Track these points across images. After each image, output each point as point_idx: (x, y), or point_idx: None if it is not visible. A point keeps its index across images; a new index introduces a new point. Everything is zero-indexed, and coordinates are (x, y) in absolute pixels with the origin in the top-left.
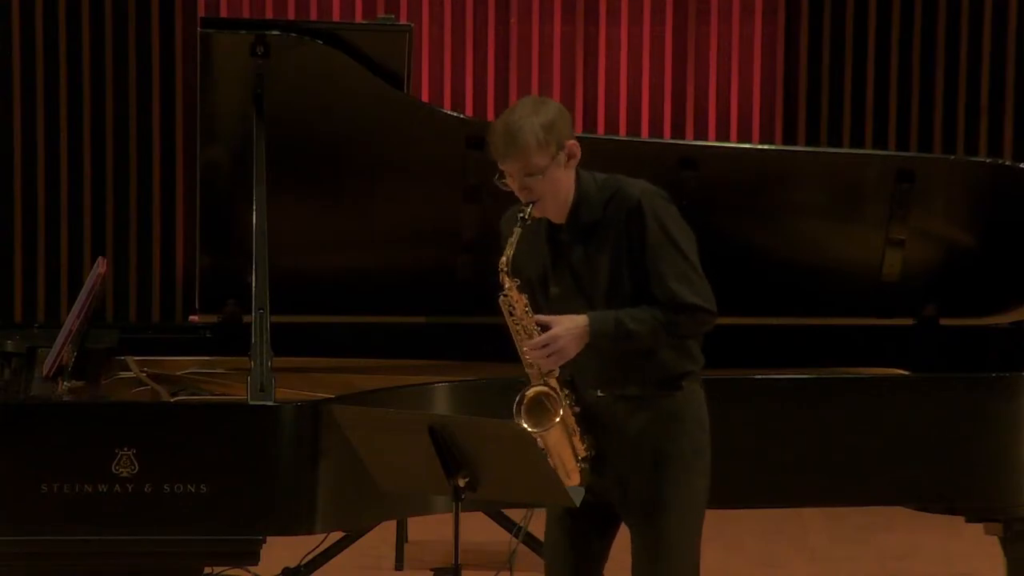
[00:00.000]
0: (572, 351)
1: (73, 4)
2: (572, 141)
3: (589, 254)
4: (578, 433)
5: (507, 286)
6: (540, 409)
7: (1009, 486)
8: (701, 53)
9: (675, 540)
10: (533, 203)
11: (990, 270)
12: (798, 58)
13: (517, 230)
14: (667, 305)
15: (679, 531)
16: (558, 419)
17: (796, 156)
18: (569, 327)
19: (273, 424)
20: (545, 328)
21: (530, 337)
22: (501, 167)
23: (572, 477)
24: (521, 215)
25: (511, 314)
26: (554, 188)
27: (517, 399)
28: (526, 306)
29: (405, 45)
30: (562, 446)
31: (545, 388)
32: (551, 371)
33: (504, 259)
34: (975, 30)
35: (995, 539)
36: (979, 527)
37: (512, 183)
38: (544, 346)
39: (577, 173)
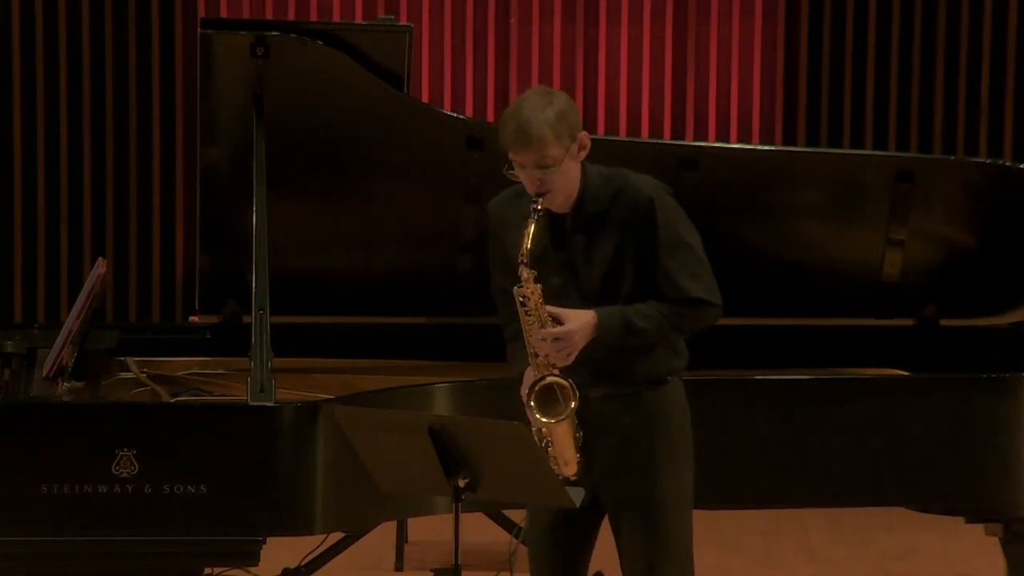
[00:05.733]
0: (581, 346)
1: (73, 4)
2: (583, 133)
3: (590, 245)
4: (577, 424)
5: (525, 276)
6: (550, 399)
7: (1009, 487)
8: (701, 53)
9: (672, 532)
10: (542, 195)
11: (990, 271)
12: (798, 58)
13: (532, 224)
14: (675, 300)
15: (675, 523)
16: (570, 411)
17: (796, 156)
18: (582, 324)
19: (273, 425)
20: (556, 320)
21: (542, 327)
22: (513, 158)
23: (570, 467)
24: (534, 206)
25: (523, 304)
26: (564, 180)
27: (530, 386)
28: (540, 297)
29: (405, 45)
30: (566, 437)
31: (561, 380)
32: (556, 364)
33: (523, 251)
34: (975, 30)
35: (995, 539)
36: (979, 527)
37: (522, 174)
38: (556, 339)
39: (582, 164)
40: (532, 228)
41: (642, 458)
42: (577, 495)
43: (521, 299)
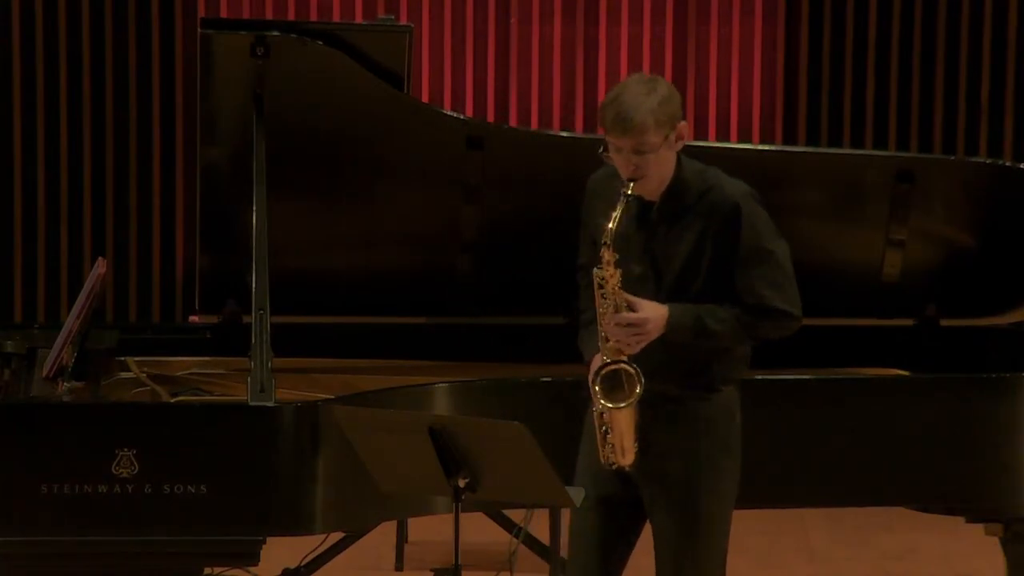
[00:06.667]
0: (654, 336)
1: (73, 4)
2: (683, 123)
3: (672, 237)
4: (639, 415)
5: (606, 259)
6: (615, 384)
7: (1009, 487)
8: (701, 53)
9: (702, 542)
10: (635, 180)
11: (990, 271)
12: (798, 58)
13: (620, 207)
14: (752, 308)
15: (708, 531)
16: (635, 396)
17: (796, 156)
18: (657, 315)
19: (273, 425)
20: (631, 308)
21: (617, 312)
22: (611, 141)
23: (627, 455)
24: (624, 191)
25: (601, 287)
26: (659, 167)
27: (596, 368)
28: (619, 281)
29: (405, 45)
30: (628, 425)
31: (628, 367)
32: (625, 351)
33: (608, 233)
34: (975, 30)
35: (995, 539)
36: (979, 527)
37: (617, 158)
38: (630, 325)
39: (678, 156)
40: (619, 211)
41: (682, 464)
42: (577, 495)
43: (600, 281)
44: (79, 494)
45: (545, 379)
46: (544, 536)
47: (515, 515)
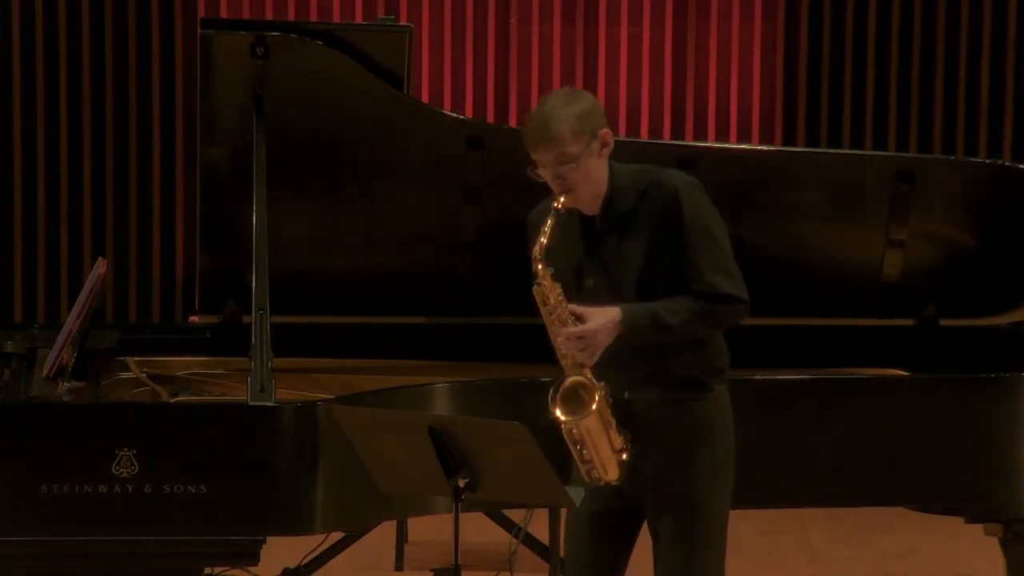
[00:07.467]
0: (605, 344)
1: (73, 4)
2: (605, 130)
3: (622, 244)
4: (614, 425)
5: (540, 274)
6: (575, 399)
7: (1009, 487)
8: (701, 53)
9: (704, 541)
10: (565, 193)
11: (990, 271)
12: (798, 58)
13: (551, 220)
14: (704, 295)
15: (708, 533)
16: (594, 407)
17: (796, 156)
18: (604, 321)
19: (273, 425)
20: (579, 318)
21: (564, 326)
22: (534, 157)
23: (609, 469)
24: (555, 205)
25: (544, 303)
26: (587, 177)
27: (552, 389)
28: (560, 295)
29: (405, 45)
30: (599, 436)
31: (581, 379)
32: (583, 363)
33: (538, 247)
34: (975, 30)
35: (995, 539)
36: (979, 527)
37: (545, 173)
38: (579, 338)
39: (610, 164)
40: (549, 226)
41: (679, 466)
42: (577, 495)
43: (542, 298)
44: (79, 494)
45: (545, 379)
46: (544, 536)
47: (515, 515)
